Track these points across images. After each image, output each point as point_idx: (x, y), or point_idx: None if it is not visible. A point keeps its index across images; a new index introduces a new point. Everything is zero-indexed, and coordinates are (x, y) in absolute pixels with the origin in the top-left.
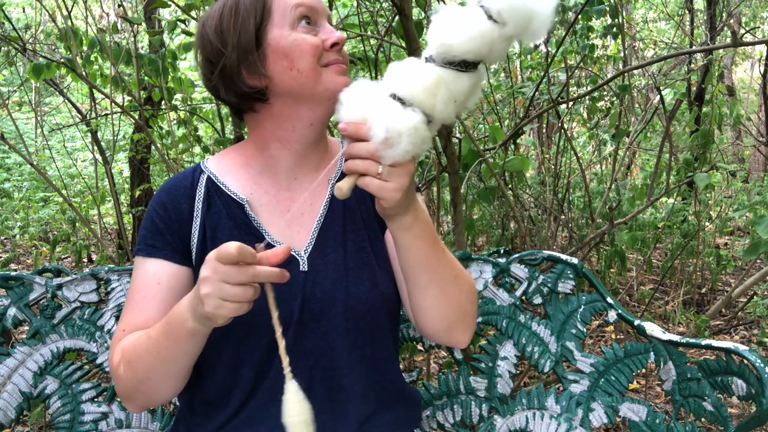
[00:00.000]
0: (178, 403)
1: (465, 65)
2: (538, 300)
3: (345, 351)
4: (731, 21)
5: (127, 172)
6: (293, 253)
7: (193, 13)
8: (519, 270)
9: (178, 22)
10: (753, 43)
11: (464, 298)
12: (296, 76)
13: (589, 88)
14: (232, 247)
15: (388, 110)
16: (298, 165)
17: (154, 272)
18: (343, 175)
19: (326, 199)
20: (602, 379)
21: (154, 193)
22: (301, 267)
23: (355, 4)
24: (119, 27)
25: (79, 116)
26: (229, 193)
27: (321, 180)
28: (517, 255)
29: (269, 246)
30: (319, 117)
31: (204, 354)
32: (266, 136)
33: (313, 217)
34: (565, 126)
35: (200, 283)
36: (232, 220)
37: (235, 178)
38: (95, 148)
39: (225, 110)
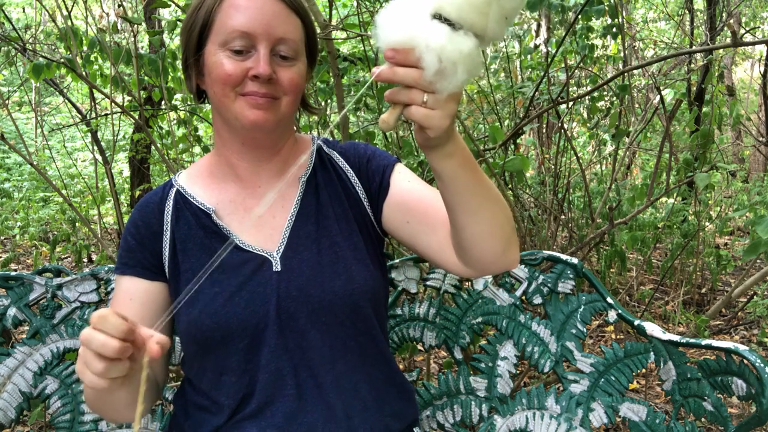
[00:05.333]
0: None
1: None
2: (538, 300)
3: (327, 347)
4: (731, 21)
5: (127, 172)
6: (266, 255)
7: None
8: (519, 270)
9: (178, 22)
10: (753, 43)
11: (508, 213)
12: (213, 95)
13: (589, 88)
14: (107, 315)
15: (438, 36)
16: (257, 173)
17: (127, 289)
18: (315, 173)
19: (297, 199)
20: (602, 379)
21: None
22: (274, 268)
23: (355, 4)
24: (119, 27)
25: (79, 116)
26: (196, 203)
27: (290, 180)
28: None
29: (238, 248)
30: (247, 140)
31: (190, 362)
32: (219, 142)
33: (284, 218)
34: (565, 126)
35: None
36: (202, 229)
37: (202, 188)
38: (95, 148)
39: None
